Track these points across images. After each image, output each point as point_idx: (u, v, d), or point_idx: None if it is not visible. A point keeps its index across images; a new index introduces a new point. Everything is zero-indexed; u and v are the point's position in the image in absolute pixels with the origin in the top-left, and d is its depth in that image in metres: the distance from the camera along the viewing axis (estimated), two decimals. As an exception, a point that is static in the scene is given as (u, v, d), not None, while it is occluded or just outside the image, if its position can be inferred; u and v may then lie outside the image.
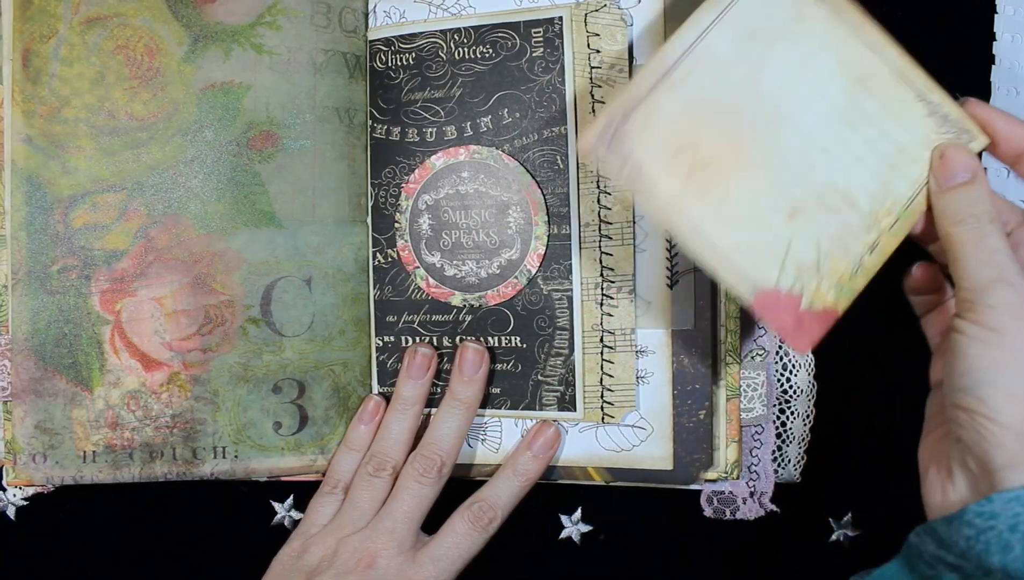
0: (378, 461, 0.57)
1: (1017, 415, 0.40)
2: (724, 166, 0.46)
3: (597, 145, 0.46)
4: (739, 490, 0.58)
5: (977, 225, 0.44)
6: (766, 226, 0.47)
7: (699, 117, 0.46)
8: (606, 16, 0.56)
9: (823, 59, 0.47)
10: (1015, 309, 0.41)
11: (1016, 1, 0.57)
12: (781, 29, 0.46)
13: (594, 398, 0.57)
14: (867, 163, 0.47)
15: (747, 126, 0.47)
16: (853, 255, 0.47)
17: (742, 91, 0.46)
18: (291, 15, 0.58)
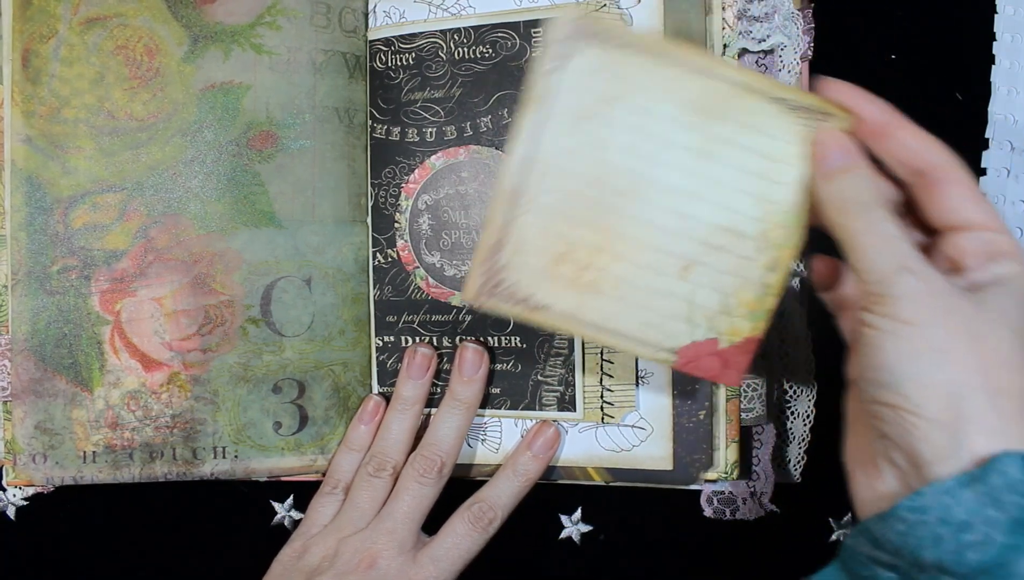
0: (378, 461, 0.57)
1: (940, 407, 0.38)
2: (605, 257, 0.46)
3: (480, 296, 0.47)
4: (739, 490, 0.58)
5: (866, 211, 0.42)
6: (664, 293, 0.47)
7: (565, 221, 0.46)
8: (606, 16, 0.55)
9: (661, 107, 0.45)
10: (922, 297, 0.39)
11: (1016, 1, 0.57)
12: (610, 97, 0.45)
13: (594, 398, 0.57)
14: (741, 188, 0.46)
15: (612, 209, 0.46)
16: (755, 282, 0.46)
17: (595, 176, 0.46)
18: (291, 15, 0.58)
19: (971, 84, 0.58)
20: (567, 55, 0.45)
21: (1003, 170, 0.58)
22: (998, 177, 0.58)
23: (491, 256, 0.47)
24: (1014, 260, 0.41)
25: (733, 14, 0.55)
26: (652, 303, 0.47)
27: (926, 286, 0.39)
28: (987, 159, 0.58)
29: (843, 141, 0.44)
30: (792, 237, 0.46)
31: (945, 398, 0.38)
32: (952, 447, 0.38)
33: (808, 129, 0.44)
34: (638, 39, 0.45)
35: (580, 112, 0.45)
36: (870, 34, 0.59)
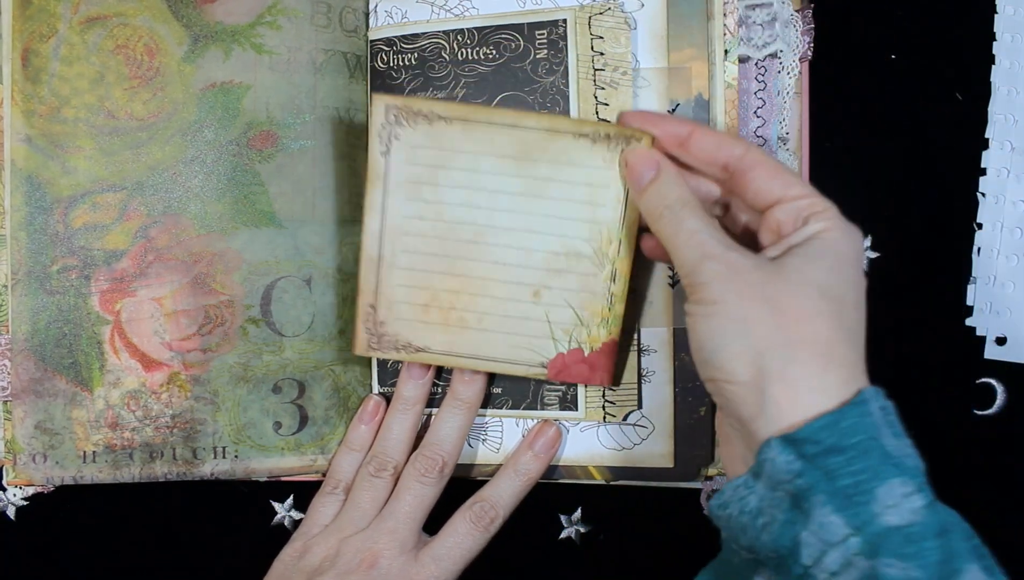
0: (379, 461, 0.57)
1: (749, 370, 0.42)
2: (464, 298, 0.54)
3: (368, 350, 0.56)
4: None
5: (672, 214, 0.46)
6: (523, 318, 0.54)
7: (423, 274, 0.54)
8: (610, 19, 0.56)
9: (483, 162, 0.52)
10: (722, 278, 0.43)
11: (1016, 1, 0.57)
12: (437, 163, 0.52)
13: (596, 397, 0.57)
14: (570, 216, 0.52)
15: (462, 256, 0.53)
16: (600, 294, 0.53)
17: (440, 232, 0.53)
18: (291, 15, 0.58)
19: (971, 84, 0.58)
20: (393, 136, 0.52)
21: (1003, 170, 0.58)
22: (998, 177, 0.58)
23: (369, 316, 0.55)
24: (822, 218, 0.45)
25: (734, 20, 0.55)
26: (515, 328, 0.54)
27: (725, 268, 0.43)
28: (987, 159, 0.58)
29: (648, 156, 0.49)
30: (624, 248, 0.52)
31: (749, 360, 0.42)
32: (760, 403, 0.41)
33: (615, 153, 0.50)
34: (450, 109, 0.51)
35: (415, 181, 0.52)
36: (870, 34, 0.59)
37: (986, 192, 0.58)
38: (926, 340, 0.59)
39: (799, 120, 0.57)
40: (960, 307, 0.59)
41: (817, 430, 0.40)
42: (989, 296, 0.58)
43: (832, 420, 0.40)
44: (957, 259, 0.59)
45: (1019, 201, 0.58)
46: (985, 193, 0.58)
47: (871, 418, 0.41)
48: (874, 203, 0.59)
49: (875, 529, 0.38)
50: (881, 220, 0.59)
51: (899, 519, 0.38)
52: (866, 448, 0.39)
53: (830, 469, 0.39)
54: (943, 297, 0.59)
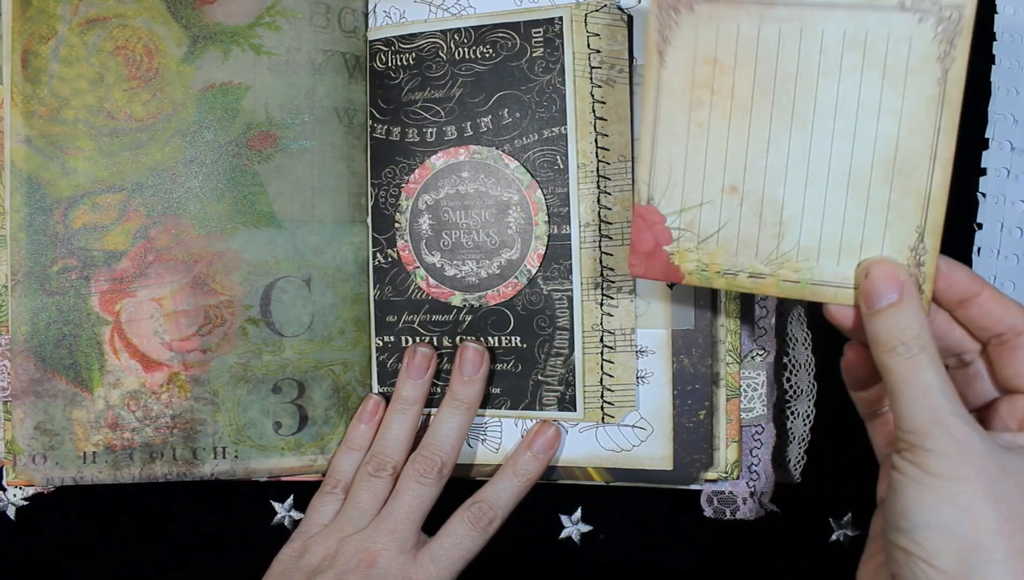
0: (378, 461, 0.57)
1: (953, 561, 0.38)
2: (728, 106, 0.46)
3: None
4: (739, 490, 0.58)
5: (908, 355, 0.41)
6: (703, 176, 0.47)
7: (753, 57, 0.45)
8: (606, 16, 0.55)
9: (889, 123, 0.44)
10: (951, 453, 0.39)
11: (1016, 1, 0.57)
12: (887, 66, 0.44)
13: (594, 398, 0.57)
14: (826, 223, 0.46)
15: (776, 102, 0.45)
16: (736, 263, 0.47)
17: (801, 76, 0.45)
18: (290, 16, 0.58)
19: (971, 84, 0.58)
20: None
21: (1003, 170, 0.58)
22: (998, 177, 0.58)
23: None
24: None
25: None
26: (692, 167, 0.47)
27: (959, 444, 0.39)
28: (987, 159, 0.58)
29: (894, 273, 0.43)
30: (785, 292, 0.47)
31: (959, 553, 0.38)
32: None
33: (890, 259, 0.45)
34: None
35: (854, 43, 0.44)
36: (870, 34, 0.59)
37: (986, 192, 0.58)
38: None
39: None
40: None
41: None
42: (989, 296, 0.58)
43: None
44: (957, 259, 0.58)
45: (1019, 201, 0.57)
46: (985, 193, 0.58)
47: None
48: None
49: None
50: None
51: None
52: None
53: None
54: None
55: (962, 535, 0.38)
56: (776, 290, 0.47)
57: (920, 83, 0.43)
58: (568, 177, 0.56)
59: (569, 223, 0.56)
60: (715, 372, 0.56)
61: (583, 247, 0.56)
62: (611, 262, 0.56)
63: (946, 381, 0.41)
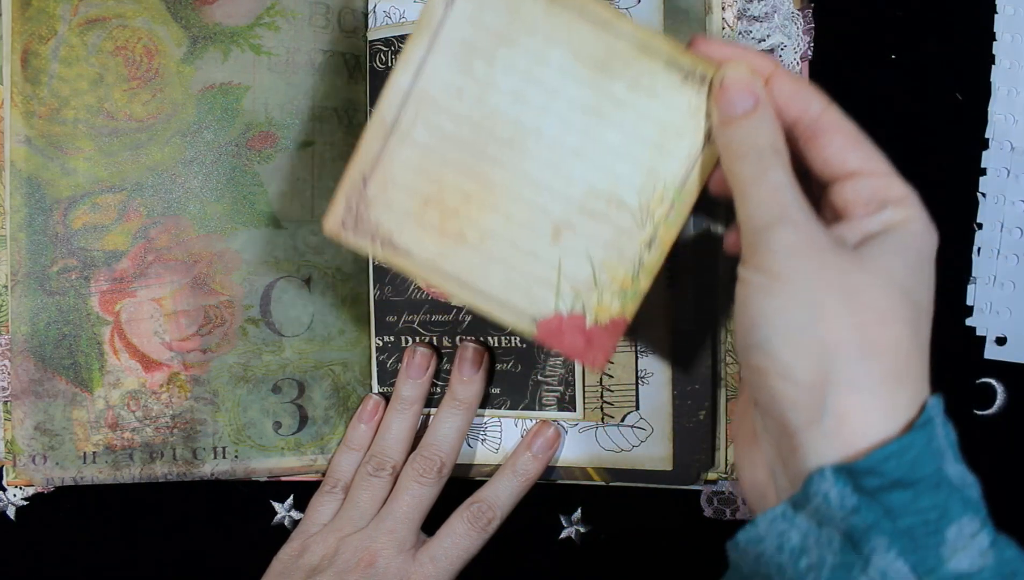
0: (378, 461, 0.57)
1: (809, 368, 0.36)
2: (474, 207, 0.44)
3: (343, 230, 0.44)
4: (739, 491, 0.58)
5: (759, 159, 0.39)
6: (531, 255, 0.44)
7: (438, 162, 0.44)
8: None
9: (553, 54, 0.42)
10: (797, 251, 0.37)
11: (1016, 1, 0.57)
12: (500, 36, 0.43)
13: (594, 398, 0.57)
14: (628, 154, 0.43)
15: (489, 155, 0.44)
16: (630, 258, 0.44)
17: (476, 118, 0.43)
18: (290, 16, 0.58)
19: (971, 84, 0.58)
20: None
21: (1003, 170, 0.57)
22: (998, 177, 0.58)
23: (357, 187, 0.44)
24: (903, 206, 0.39)
25: (733, 14, 0.55)
26: (518, 263, 0.44)
27: (803, 239, 0.37)
28: (987, 159, 0.58)
29: (750, 83, 0.41)
30: (676, 215, 0.43)
31: (815, 358, 0.36)
32: (818, 412, 0.36)
33: (702, 100, 0.42)
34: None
35: (468, 48, 0.43)
36: (870, 34, 0.59)
37: (986, 192, 0.58)
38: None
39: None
40: (960, 307, 0.58)
41: (882, 460, 0.34)
42: (989, 296, 0.58)
43: (900, 448, 0.34)
44: (957, 259, 0.58)
45: (1019, 201, 0.57)
46: (985, 193, 0.58)
47: (937, 442, 0.35)
48: (874, 203, 0.59)
49: (943, 576, 0.33)
50: (881, 220, 0.59)
51: (968, 564, 0.34)
52: (936, 481, 0.35)
53: (893, 506, 0.34)
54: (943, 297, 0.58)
55: (816, 338, 0.36)
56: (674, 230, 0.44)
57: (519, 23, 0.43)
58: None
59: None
60: (715, 372, 0.56)
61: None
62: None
63: (794, 183, 0.39)
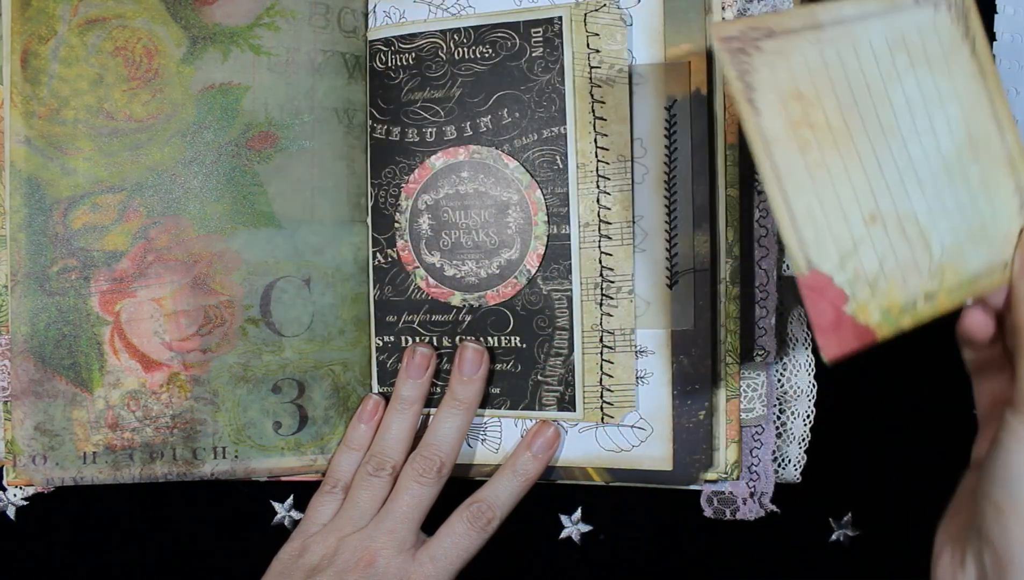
0: (378, 461, 0.57)
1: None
2: (830, 137, 0.44)
3: (726, 43, 0.43)
4: (739, 490, 0.58)
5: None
6: (843, 215, 0.44)
7: (829, 82, 0.44)
8: (606, 16, 0.55)
9: (952, 106, 0.46)
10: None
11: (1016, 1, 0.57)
12: (929, 58, 0.45)
13: (594, 398, 0.57)
14: (951, 217, 0.45)
15: (864, 119, 0.45)
16: (910, 292, 0.45)
17: (872, 88, 0.45)
18: (289, 16, 0.58)
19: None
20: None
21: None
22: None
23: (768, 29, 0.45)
24: None
25: (733, 14, 0.55)
26: (830, 209, 0.44)
27: None
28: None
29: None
30: (957, 296, 0.46)
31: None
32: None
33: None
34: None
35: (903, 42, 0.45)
36: (870, 33, 0.59)
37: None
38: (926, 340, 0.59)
39: (799, 119, 0.56)
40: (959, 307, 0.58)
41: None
42: (989, 296, 0.58)
43: None
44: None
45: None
46: None
47: None
48: (874, 203, 0.59)
49: None
50: (881, 220, 0.59)
51: None
52: None
53: None
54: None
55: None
56: (950, 303, 0.46)
57: (959, 63, 0.45)
58: (567, 177, 0.56)
59: (568, 223, 0.56)
60: (715, 372, 0.56)
61: (583, 247, 0.56)
62: (610, 262, 0.56)
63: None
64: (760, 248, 0.56)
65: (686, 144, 0.55)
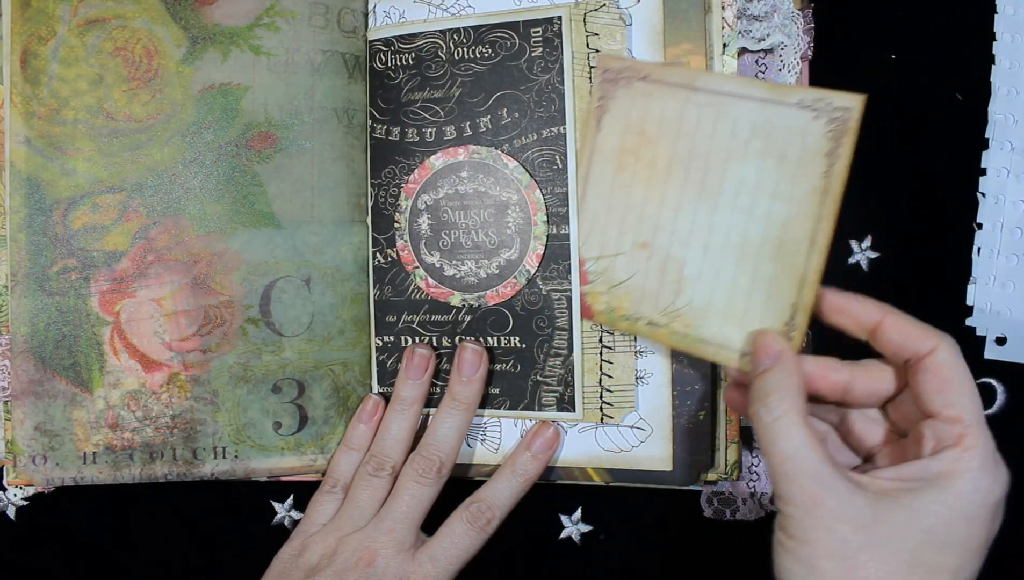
0: (378, 461, 0.57)
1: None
2: (647, 173, 0.52)
3: (606, 73, 0.53)
4: (739, 490, 0.58)
5: (770, 419, 0.43)
6: (618, 230, 0.53)
7: (674, 133, 0.51)
8: (605, 16, 0.55)
9: (780, 205, 0.49)
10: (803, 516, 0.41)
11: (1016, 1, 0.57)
12: (783, 155, 0.48)
13: (593, 399, 0.57)
14: (717, 287, 0.50)
15: (687, 175, 0.51)
16: (637, 311, 0.53)
17: (712, 155, 0.50)
18: (289, 16, 0.58)
19: (971, 84, 0.58)
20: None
21: (1003, 170, 0.57)
22: (998, 177, 0.58)
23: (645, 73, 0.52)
24: (963, 458, 0.41)
25: (732, 13, 0.55)
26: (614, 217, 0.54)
27: (810, 505, 0.41)
28: (987, 159, 0.58)
29: (773, 344, 0.46)
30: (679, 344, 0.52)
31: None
32: None
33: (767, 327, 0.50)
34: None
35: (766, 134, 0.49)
36: (870, 34, 0.59)
37: (986, 192, 0.58)
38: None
39: (799, 120, 0.56)
40: (960, 307, 0.58)
41: None
42: (989, 296, 0.58)
43: None
44: (957, 259, 0.58)
45: (1019, 201, 0.57)
46: (985, 193, 0.58)
47: None
48: (874, 203, 0.59)
49: None
50: (881, 220, 0.59)
51: None
52: None
53: None
54: (943, 297, 0.59)
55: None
56: (668, 341, 0.52)
57: (809, 174, 0.48)
58: (567, 177, 0.56)
59: (568, 223, 0.56)
60: (715, 372, 0.56)
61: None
62: (610, 262, 0.56)
63: (805, 443, 0.42)
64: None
65: (686, 144, 0.55)
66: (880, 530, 0.40)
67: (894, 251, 0.59)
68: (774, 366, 0.45)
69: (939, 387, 0.43)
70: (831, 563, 0.40)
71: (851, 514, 0.41)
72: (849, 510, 0.41)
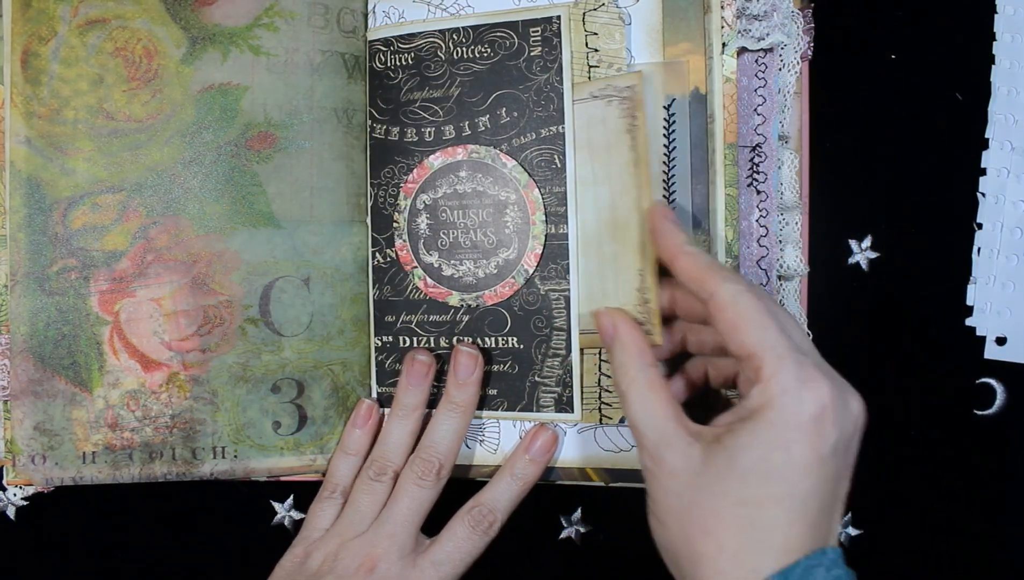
0: (379, 466, 0.57)
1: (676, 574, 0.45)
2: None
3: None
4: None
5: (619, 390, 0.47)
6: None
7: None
8: (604, 15, 0.55)
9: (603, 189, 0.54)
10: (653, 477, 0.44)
11: (1016, 1, 0.57)
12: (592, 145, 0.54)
13: (592, 399, 0.57)
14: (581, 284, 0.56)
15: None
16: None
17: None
18: (288, 17, 0.58)
19: (971, 84, 0.58)
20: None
21: (1003, 170, 0.57)
22: (998, 177, 0.57)
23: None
24: (767, 387, 0.42)
25: (732, 12, 0.55)
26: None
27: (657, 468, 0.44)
28: (987, 159, 0.58)
29: (608, 319, 0.49)
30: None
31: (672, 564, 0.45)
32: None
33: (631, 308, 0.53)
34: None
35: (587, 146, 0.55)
36: (870, 34, 0.59)
37: (986, 192, 0.58)
38: (926, 340, 0.59)
39: (799, 120, 0.56)
40: (960, 307, 0.58)
41: None
42: (989, 296, 0.58)
43: None
44: (957, 259, 0.58)
45: (1019, 201, 0.57)
46: (985, 193, 0.58)
47: None
48: (874, 203, 0.59)
49: None
50: (881, 220, 0.59)
51: None
52: None
53: None
54: (943, 297, 0.59)
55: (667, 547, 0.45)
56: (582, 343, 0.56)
57: (618, 153, 0.53)
58: (565, 176, 0.56)
59: (567, 223, 0.56)
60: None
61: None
62: (609, 262, 0.56)
63: (649, 409, 0.45)
64: (760, 248, 0.56)
65: (685, 143, 0.55)
66: (707, 478, 0.42)
67: (894, 251, 0.59)
68: (612, 344, 0.48)
69: (727, 329, 0.44)
70: (672, 518, 0.43)
71: (687, 467, 0.43)
72: (685, 464, 0.43)
